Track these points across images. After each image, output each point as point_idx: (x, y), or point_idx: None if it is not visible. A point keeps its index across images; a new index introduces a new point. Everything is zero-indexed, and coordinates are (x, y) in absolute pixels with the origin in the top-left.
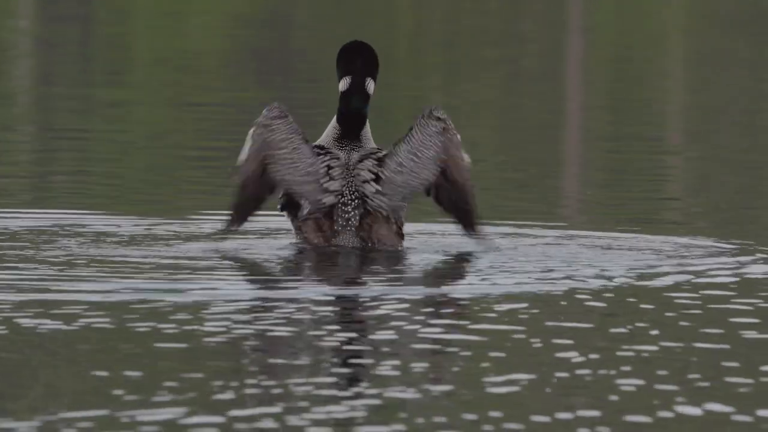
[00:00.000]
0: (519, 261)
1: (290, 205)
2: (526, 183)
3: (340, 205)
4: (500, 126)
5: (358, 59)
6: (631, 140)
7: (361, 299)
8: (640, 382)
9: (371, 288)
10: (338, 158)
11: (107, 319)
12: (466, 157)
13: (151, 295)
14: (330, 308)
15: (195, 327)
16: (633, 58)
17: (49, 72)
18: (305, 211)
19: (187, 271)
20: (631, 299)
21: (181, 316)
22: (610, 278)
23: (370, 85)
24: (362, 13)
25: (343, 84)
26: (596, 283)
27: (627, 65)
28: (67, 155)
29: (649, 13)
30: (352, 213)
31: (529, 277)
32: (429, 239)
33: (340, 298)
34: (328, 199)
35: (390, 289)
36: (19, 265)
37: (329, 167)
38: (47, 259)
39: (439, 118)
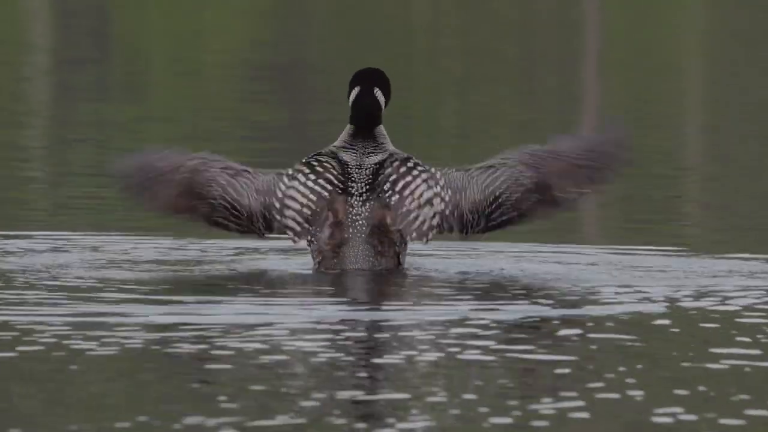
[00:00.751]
0: (555, 281)
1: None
2: None
3: (348, 207)
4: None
5: (368, 78)
6: (651, 153)
7: (381, 322)
8: (708, 396)
9: (392, 311)
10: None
11: (116, 340)
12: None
13: (164, 318)
14: (350, 331)
15: (206, 347)
16: (651, 77)
17: (64, 86)
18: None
19: (204, 293)
20: (692, 321)
21: (193, 339)
22: (654, 301)
23: (380, 95)
24: (374, 22)
25: (352, 95)
26: (639, 307)
27: (644, 85)
28: (82, 170)
29: (667, 29)
30: (363, 216)
31: (566, 299)
32: (458, 258)
33: (359, 322)
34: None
35: (421, 312)
36: (38, 285)
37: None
38: (71, 281)
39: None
